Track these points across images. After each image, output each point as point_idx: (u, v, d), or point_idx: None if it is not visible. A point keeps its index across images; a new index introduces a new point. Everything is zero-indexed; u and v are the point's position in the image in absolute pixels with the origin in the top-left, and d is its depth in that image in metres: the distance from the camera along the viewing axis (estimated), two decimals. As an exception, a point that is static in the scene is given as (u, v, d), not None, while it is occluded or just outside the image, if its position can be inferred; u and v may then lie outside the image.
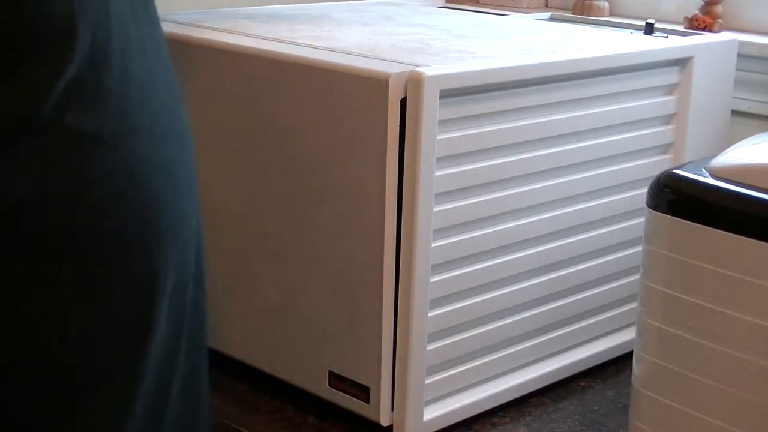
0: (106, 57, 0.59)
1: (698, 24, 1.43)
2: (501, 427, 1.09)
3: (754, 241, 0.84)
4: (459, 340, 1.07)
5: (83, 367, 0.59)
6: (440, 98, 0.97)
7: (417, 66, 0.98)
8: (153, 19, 0.65)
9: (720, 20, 1.43)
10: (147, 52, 0.63)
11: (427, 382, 1.05)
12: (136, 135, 0.61)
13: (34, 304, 0.57)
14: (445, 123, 0.99)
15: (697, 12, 1.45)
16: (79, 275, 0.58)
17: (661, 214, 0.91)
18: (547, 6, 1.67)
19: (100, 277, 0.59)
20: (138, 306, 0.61)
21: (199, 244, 0.68)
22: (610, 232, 1.19)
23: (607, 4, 1.58)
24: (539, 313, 1.14)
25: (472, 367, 1.09)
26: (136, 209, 0.60)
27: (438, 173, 1.00)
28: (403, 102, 0.97)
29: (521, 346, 1.13)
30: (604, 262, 1.19)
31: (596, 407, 1.14)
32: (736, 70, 1.31)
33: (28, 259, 0.56)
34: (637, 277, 0.97)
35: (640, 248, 0.96)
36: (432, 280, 1.02)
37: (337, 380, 1.06)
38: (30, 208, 0.56)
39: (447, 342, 1.06)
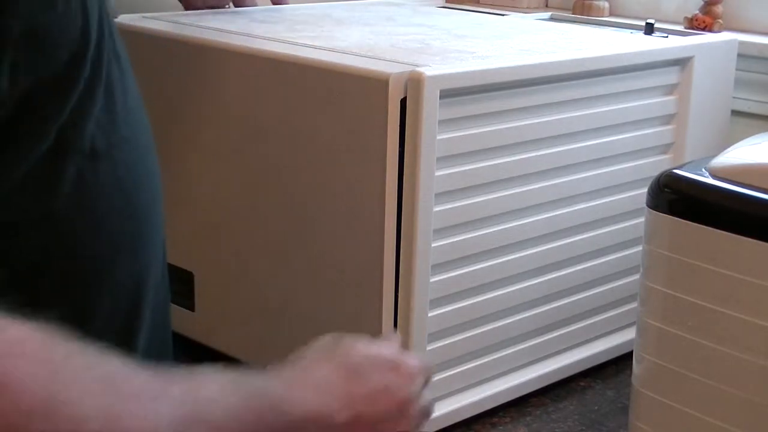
0: (98, 69, 0.59)
1: (698, 24, 1.43)
2: (501, 427, 1.09)
3: (754, 241, 0.84)
4: (459, 340, 1.07)
5: None
6: (440, 98, 0.97)
7: (417, 66, 0.98)
8: (114, 23, 0.66)
9: (720, 20, 1.43)
10: (121, 59, 0.64)
11: (427, 382, 1.04)
12: (123, 146, 0.62)
13: (36, 306, 0.57)
14: (445, 123, 0.99)
15: (697, 12, 1.45)
16: (73, 283, 0.59)
17: (661, 214, 0.91)
18: (547, 6, 1.67)
19: (95, 285, 0.60)
20: (126, 312, 0.62)
21: (164, 236, 0.69)
22: (610, 232, 1.19)
23: (607, 4, 1.58)
24: (539, 313, 1.14)
25: (472, 367, 1.09)
26: (125, 220, 0.61)
27: (438, 173, 1.00)
28: (403, 102, 0.97)
29: (521, 346, 1.13)
30: (604, 262, 1.19)
31: (596, 407, 1.14)
32: (736, 70, 1.31)
33: (26, 268, 0.57)
34: (637, 277, 0.97)
35: (640, 248, 0.96)
36: (432, 280, 1.02)
37: (337, 380, 1.06)
38: (27, 227, 0.56)
39: (447, 342, 1.06)
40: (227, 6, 1.36)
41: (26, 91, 0.54)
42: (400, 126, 0.97)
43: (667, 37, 1.29)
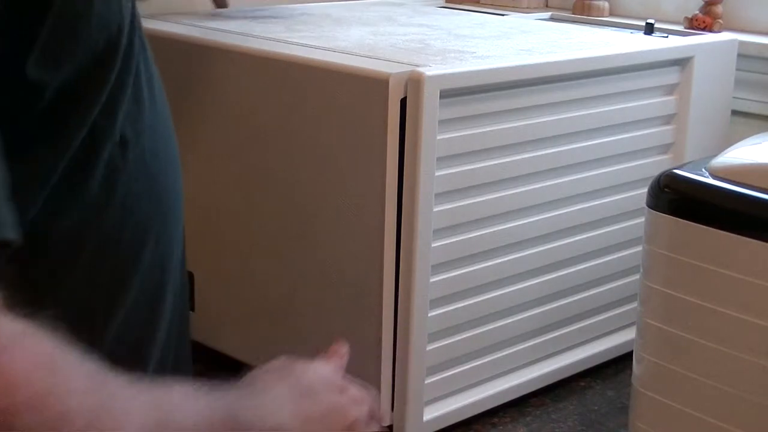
0: (129, 57, 0.61)
1: (698, 24, 1.43)
2: (501, 427, 1.09)
3: (754, 241, 0.84)
4: (459, 340, 1.07)
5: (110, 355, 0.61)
6: (440, 98, 0.97)
7: (417, 66, 0.98)
8: (139, 14, 0.67)
9: (720, 20, 1.43)
10: (146, 49, 0.65)
11: (427, 382, 1.05)
12: (148, 134, 0.63)
13: (71, 291, 0.59)
14: (445, 123, 0.99)
15: (697, 12, 1.45)
16: (105, 267, 0.60)
17: (661, 214, 0.91)
18: (547, 6, 1.67)
19: (125, 268, 0.62)
20: (152, 294, 0.65)
21: (183, 221, 0.72)
22: (610, 232, 1.19)
23: (607, 4, 1.58)
24: (539, 313, 1.14)
25: (472, 367, 1.09)
26: (154, 204, 0.63)
27: (438, 173, 1.00)
28: (403, 102, 0.97)
29: (521, 346, 1.13)
30: (604, 262, 1.19)
31: (596, 407, 1.14)
32: (736, 70, 1.31)
33: (62, 254, 0.59)
34: (637, 277, 0.97)
35: (640, 248, 0.96)
36: (432, 280, 1.02)
37: (337, 380, 1.06)
38: (63, 215, 0.58)
39: (447, 342, 1.06)
40: None
41: (67, 81, 0.55)
42: (400, 126, 0.97)
43: (667, 37, 1.29)
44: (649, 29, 1.31)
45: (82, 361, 0.52)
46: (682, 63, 1.22)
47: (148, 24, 1.19)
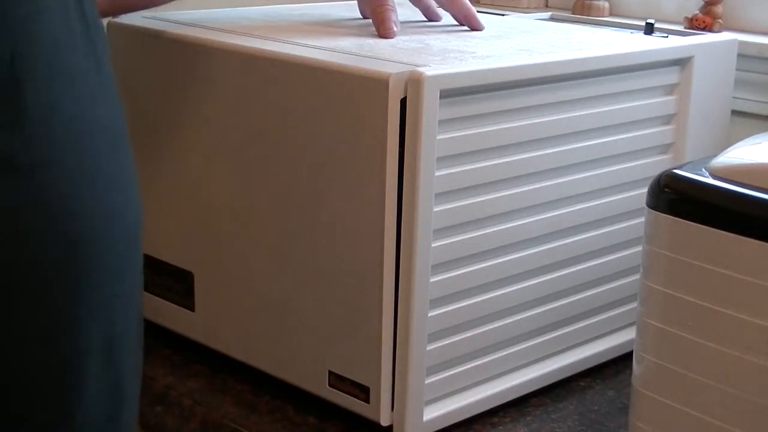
0: (28, 80, 0.54)
1: (698, 24, 1.43)
2: (501, 427, 1.09)
3: (754, 241, 0.84)
4: (459, 340, 1.07)
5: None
6: (440, 98, 0.97)
7: (417, 66, 0.98)
8: (99, 53, 0.60)
9: (720, 20, 1.43)
10: (91, 86, 0.58)
11: (427, 382, 1.05)
12: (57, 170, 0.55)
13: None
14: (445, 123, 0.99)
15: (697, 12, 1.45)
16: None
17: (661, 214, 0.91)
18: (547, 6, 1.67)
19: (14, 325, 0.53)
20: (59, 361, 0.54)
21: (140, 297, 0.61)
22: (610, 232, 1.19)
23: (607, 4, 1.58)
24: (539, 313, 1.14)
25: (472, 367, 1.09)
26: (50, 252, 0.54)
27: (438, 173, 1.00)
28: (403, 102, 0.97)
29: (521, 346, 1.13)
30: (604, 262, 1.19)
31: (596, 407, 1.14)
32: (736, 70, 1.31)
33: None
34: (637, 277, 0.97)
35: (640, 248, 0.96)
36: (432, 280, 1.02)
37: (337, 380, 1.06)
38: None
39: (447, 342, 1.06)
40: None
41: None
42: (400, 126, 0.97)
43: (667, 37, 1.29)
44: (649, 29, 1.31)
45: None
46: (682, 63, 1.22)
47: (147, 24, 1.20)
